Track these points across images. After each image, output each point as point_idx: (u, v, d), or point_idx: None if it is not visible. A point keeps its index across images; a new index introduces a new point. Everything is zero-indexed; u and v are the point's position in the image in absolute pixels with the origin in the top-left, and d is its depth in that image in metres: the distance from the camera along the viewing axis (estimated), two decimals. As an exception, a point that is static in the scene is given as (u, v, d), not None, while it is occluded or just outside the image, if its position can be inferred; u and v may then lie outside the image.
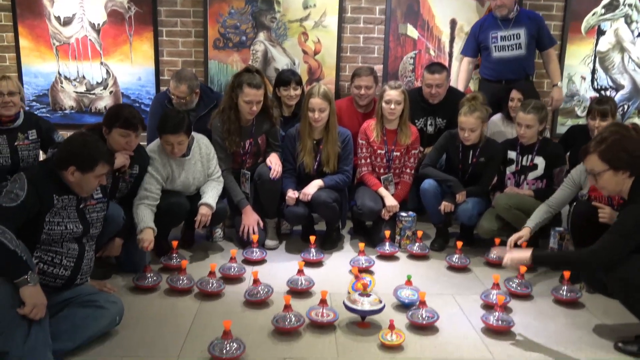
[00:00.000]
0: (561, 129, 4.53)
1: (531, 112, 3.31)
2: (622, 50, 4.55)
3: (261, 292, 2.72)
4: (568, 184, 3.08)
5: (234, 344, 2.21)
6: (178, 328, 2.45)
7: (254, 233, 3.32)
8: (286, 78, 3.75)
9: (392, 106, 3.48)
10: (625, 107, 4.63)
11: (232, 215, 3.51)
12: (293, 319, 2.43)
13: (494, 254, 3.18)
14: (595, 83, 4.61)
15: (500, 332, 2.47)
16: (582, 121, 4.42)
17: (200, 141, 3.32)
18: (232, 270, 3.00)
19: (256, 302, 2.69)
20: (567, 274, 2.95)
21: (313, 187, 3.37)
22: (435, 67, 3.82)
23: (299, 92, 3.76)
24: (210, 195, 3.21)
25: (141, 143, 3.08)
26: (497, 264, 3.28)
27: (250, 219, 3.37)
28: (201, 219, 3.15)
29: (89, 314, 2.26)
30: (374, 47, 4.43)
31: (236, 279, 2.98)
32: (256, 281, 2.75)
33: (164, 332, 2.41)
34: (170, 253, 3.09)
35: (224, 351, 2.18)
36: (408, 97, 3.55)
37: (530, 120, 3.32)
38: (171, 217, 3.18)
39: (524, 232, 3.02)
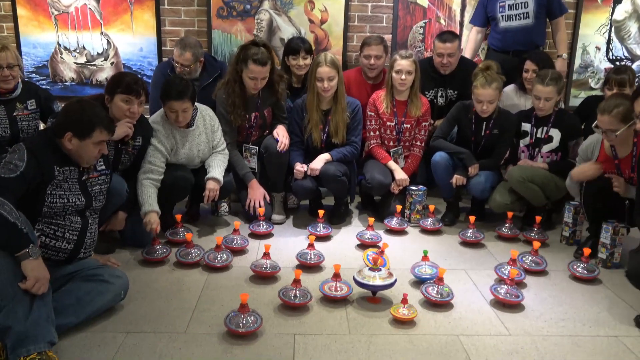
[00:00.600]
0: (574, 101, 4.40)
1: (550, 84, 3.19)
2: (639, 19, 4.40)
3: (269, 266, 2.65)
4: (578, 160, 3.04)
5: (251, 317, 2.16)
6: (185, 302, 2.38)
7: (260, 207, 3.24)
8: (295, 46, 3.63)
9: (403, 76, 3.37)
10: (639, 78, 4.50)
11: (238, 189, 3.42)
12: (299, 294, 2.36)
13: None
14: (610, 53, 4.46)
15: (509, 305, 2.41)
16: (596, 93, 4.32)
17: (204, 112, 3.22)
18: (235, 242, 2.94)
19: (263, 274, 2.62)
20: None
21: (320, 162, 3.28)
22: (447, 35, 3.68)
23: (308, 61, 3.61)
24: (217, 169, 3.12)
25: (144, 115, 2.98)
26: (510, 238, 3.22)
27: (257, 193, 3.29)
28: (209, 194, 3.06)
29: (93, 288, 2.19)
30: (382, 16, 4.28)
31: (239, 252, 2.91)
32: (266, 254, 2.67)
33: (170, 307, 2.35)
34: (175, 227, 3.01)
35: (241, 324, 2.12)
36: (419, 67, 3.43)
37: (549, 92, 3.20)
38: (176, 192, 3.10)
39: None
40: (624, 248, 2.87)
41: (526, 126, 3.40)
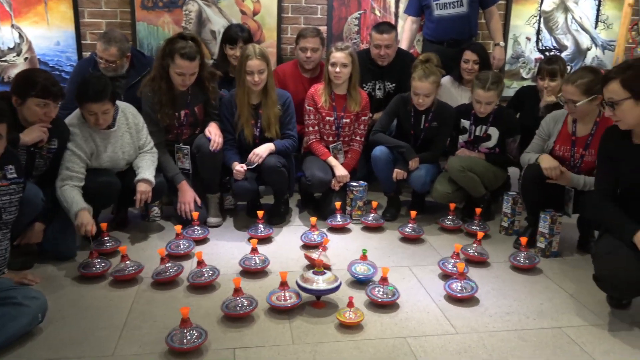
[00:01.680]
0: (507, 92, 4.45)
1: (491, 89, 3.17)
2: (566, 10, 4.51)
3: (206, 275, 2.48)
4: (540, 133, 3.02)
5: (194, 332, 2.00)
6: (112, 321, 2.18)
7: (192, 210, 3.05)
8: (233, 35, 3.46)
9: (338, 69, 3.27)
10: (569, 68, 4.61)
11: (170, 191, 3.22)
12: (242, 304, 2.22)
13: None
14: (540, 44, 4.56)
15: (460, 300, 2.38)
16: (527, 83, 4.40)
17: (126, 110, 2.98)
18: (182, 247, 2.78)
19: (201, 285, 2.45)
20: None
21: (265, 149, 3.13)
22: (384, 26, 3.61)
23: None
24: (147, 170, 2.91)
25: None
26: (452, 230, 3.21)
27: (187, 196, 3.10)
28: (141, 197, 2.86)
29: (5, 313, 1.96)
30: (316, 7, 4.16)
31: (185, 257, 2.76)
32: (200, 262, 2.50)
33: (96, 327, 2.14)
34: (102, 237, 2.78)
35: (184, 341, 1.96)
36: (356, 60, 3.34)
37: (490, 97, 3.19)
38: (101, 199, 2.86)
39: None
40: (562, 236, 2.91)
41: (465, 123, 3.38)
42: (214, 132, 3.13)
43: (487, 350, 2.04)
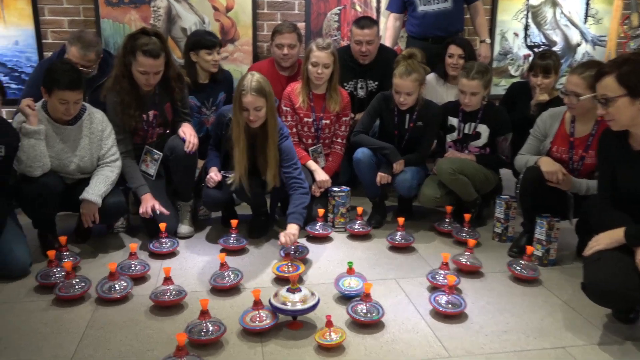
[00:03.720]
0: (496, 90, 4.28)
1: (476, 78, 2.97)
2: (554, 4, 4.34)
3: (171, 293, 2.23)
4: (535, 132, 2.79)
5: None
6: (60, 350, 1.92)
7: (151, 216, 2.77)
8: (209, 42, 3.15)
9: (320, 70, 3.04)
10: (559, 65, 4.44)
11: (138, 202, 2.94)
12: (208, 328, 1.97)
13: None
14: (529, 40, 4.38)
15: (449, 316, 2.16)
16: (516, 80, 4.20)
17: (94, 115, 2.74)
18: (133, 269, 2.49)
19: (165, 304, 2.20)
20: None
21: (296, 229, 2.61)
22: (365, 21, 3.40)
23: (221, 55, 3.24)
24: (94, 187, 2.63)
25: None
26: (446, 233, 3.01)
27: (148, 202, 2.80)
28: (85, 218, 2.61)
29: None
30: (294, 3, 3.93)
31: (139, 279, 2.47)
32: (167, 279, 2.24)
33: (41, 357, 1.87)
34: (59, 251, 2.52)
35: None
36: (338, 58, 3.11)
37: (475, 86, 2.98)
38: (41, 204, 2.57)
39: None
40: (559, 243, 2.70)
41: (453, 121, 3.17)
42: (188, 133, 2.88)
43: (485, 376, 1.82)
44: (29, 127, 2.47)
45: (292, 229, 2.59)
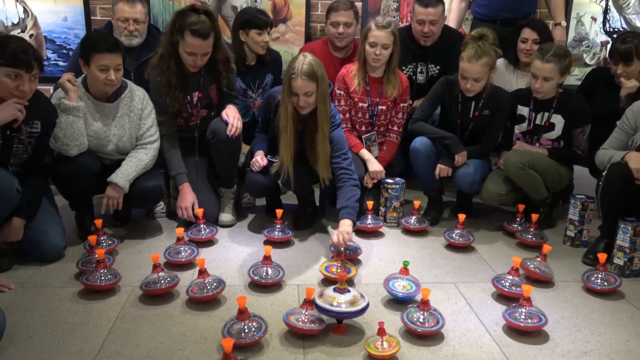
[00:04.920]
0: (569, 81, 3.88)
1: (551, 61, 2.65)
2: (640, -15, 3.91)
3: (208, 287, 2.05)
4: (623, 125, 2.47)
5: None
6: (86, 344, 1.77)
7: (190, 215, 2.65)
8: (260, 21, 2.96)
9: (378, 51, 2.79)
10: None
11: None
12: (247, 328, 1.77)
13: None
14: (607, 25, 3.97)
15: (522, 332, 1.88)
16: (593, 67, 3.82)
17: (135, 92, 2.60)
18: (182, 254, 2.34)
19: (202, 299, 2.02)
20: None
21: (349, 227, 2.37)
22: (430, -1, 3.10)
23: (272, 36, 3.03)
24: (124, 171, 2.48)
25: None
26: (512, 233, 2.72)
27: (186, 200, 2.67)
28: (107, 202, 2.47)
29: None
30: (351, -20, 3.67)
31: (187, 266, 2.33)
32: (202, 272, 2.07)
33: (65, 350, 1.73)
34: (97, 235, 2.38)
35: None
36: (398, 39, 2.85)
37: (549, 71, 2.66)
38: (77, 183, 2.44)
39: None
40: (645, 252, 2.36)
41: (523, 110, 2.86)
42: (232, 115, 2.69)
43: (563, 406, 1.54)
44: (68, 103, 2.34)
45: (346, 225, 2.35)
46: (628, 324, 1.98)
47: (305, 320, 1.84)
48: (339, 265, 2.24)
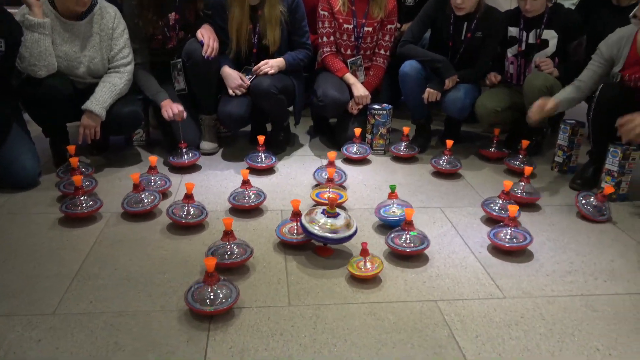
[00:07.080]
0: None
1: None
2: None
3: (193, 213, 1.99)
4: (596, 59, 2.36)
5: (224, 290, 1.54)
6: (63, 268, 1.72)
7: (183, 111, 2.53)
8: None
9: (363, -33, 2.63)
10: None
11: (158, 113, 2.68)
12: (236, 251, 1.73)
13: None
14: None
15: (506, 252, 1.87)
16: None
17: (105, 9, 2.44)
18: (153, 184, 2.26)
19: (185, 225, 1.97)
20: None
21: (277, 63, 2.58)
22: None
23: None
24: (98, 98, 2.35)
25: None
26: (496, 158, 2.71)
27: (173, 107, 2.53)
28: (83, 131, 2.35)
29: None
30: None
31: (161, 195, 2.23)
32: (188, 197, 2.00)
33: (42, 275, 1.68)
34: (69, 163, 2.28)
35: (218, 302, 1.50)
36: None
37: None
38: (49, 106, 2.32)
39: (550, 103, 2.35)
40: (633, 176, 2.33)
41: (513, 31, 2.74)
42: (207, 35, 2.56)
43: (546, 323, 1.53)
44: (32, 19, 2.19)
45: (275, 60, 2.59)
46: (613, 245, 1.97)
47: (294, 232, 1.86)
48: (330, 190, 2.18)
